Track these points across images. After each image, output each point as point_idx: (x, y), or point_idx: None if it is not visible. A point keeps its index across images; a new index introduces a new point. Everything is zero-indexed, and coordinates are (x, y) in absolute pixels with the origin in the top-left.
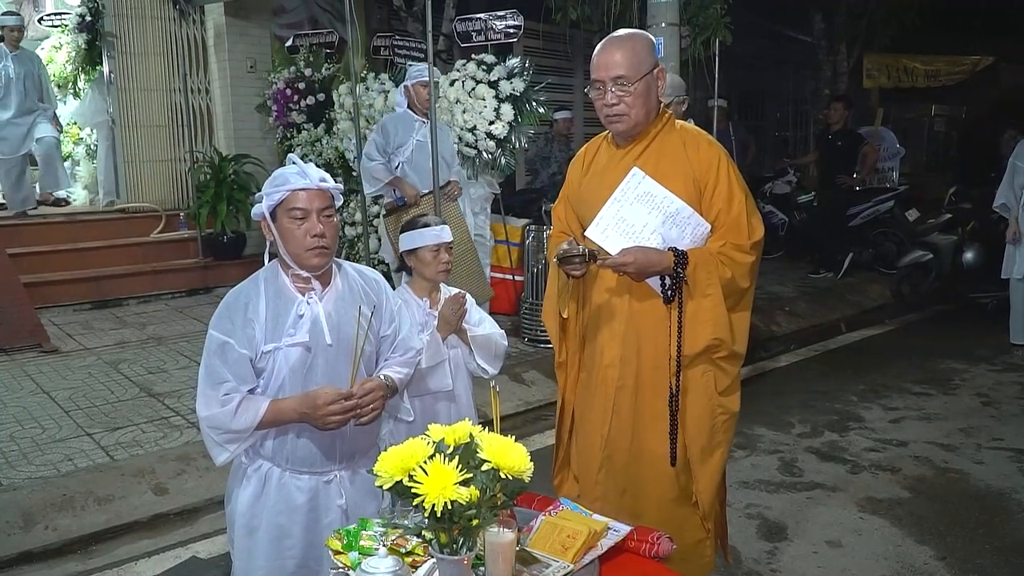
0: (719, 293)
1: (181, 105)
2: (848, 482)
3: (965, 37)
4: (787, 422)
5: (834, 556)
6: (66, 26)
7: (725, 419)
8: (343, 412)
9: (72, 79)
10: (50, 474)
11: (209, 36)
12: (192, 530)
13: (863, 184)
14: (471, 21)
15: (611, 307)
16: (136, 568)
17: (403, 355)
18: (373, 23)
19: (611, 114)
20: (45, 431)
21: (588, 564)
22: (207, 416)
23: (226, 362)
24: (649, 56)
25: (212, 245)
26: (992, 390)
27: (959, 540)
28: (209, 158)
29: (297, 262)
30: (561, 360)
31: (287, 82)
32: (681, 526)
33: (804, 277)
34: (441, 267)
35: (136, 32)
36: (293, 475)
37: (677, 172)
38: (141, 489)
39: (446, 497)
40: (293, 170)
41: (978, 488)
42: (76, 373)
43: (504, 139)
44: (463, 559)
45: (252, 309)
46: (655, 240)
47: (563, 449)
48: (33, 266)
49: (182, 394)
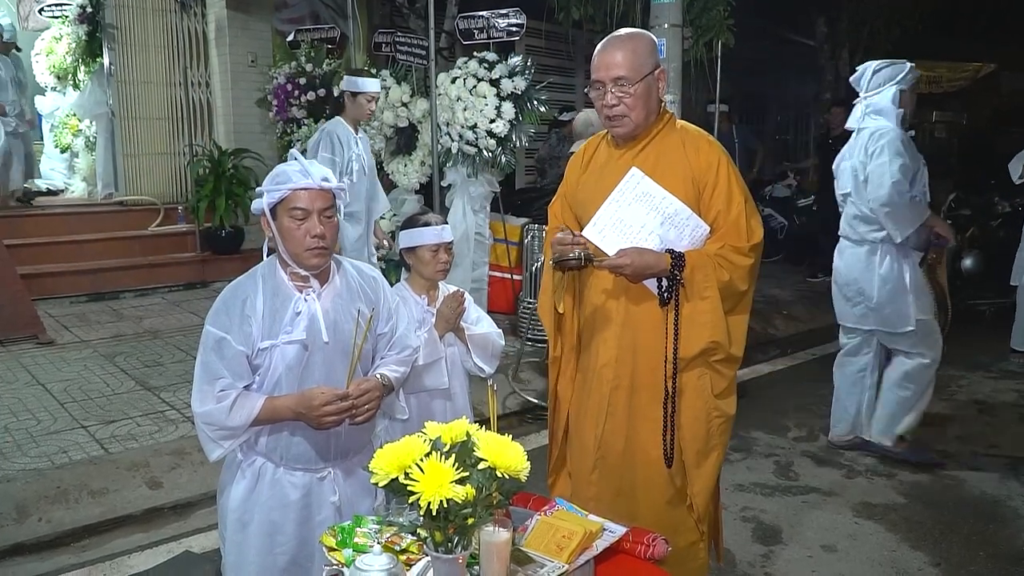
0: (717, 296)
1: (181, 98)
2: (843, 487)
3: (967, 44)
4: (783, 426)
5: (829, 560)
6: (66, 17)
7: (721, 422)
8: (339, 412)
9: (72, 71)
10: (44, 466)
11: (210, 29)
12: (185, 524)
13: None
14: (473, 19)
15: (607, 308)
16: (129, 561)
17: (400, 353)
18: (375, 19)
19: (611, 115)
20: (40, 423)
21: (583, 565)
22: (202, 412)
23: (222, 358)
24: (650, 57)
25: (210, 239)
26: (989, 397)
27: (954, 546)
28: (208, 152)
29: (296, 261)
30: (555, 355)
31: (288, 77)
32: (676, 528)
33: (802, 281)
34: (440, 266)
35: (137, 24)
36: (287, 471)
37: (676, 172)
38: (135, 483)
39: (442, 495)
40: (295, 168)
41: (973, 495)
42: (72, 365)
43: (505, 137)
44: (458, 558)
45: (249, 305)
46: (653, 241)
47: (557, 447)
48: (30, 258)
49: (178, 388)
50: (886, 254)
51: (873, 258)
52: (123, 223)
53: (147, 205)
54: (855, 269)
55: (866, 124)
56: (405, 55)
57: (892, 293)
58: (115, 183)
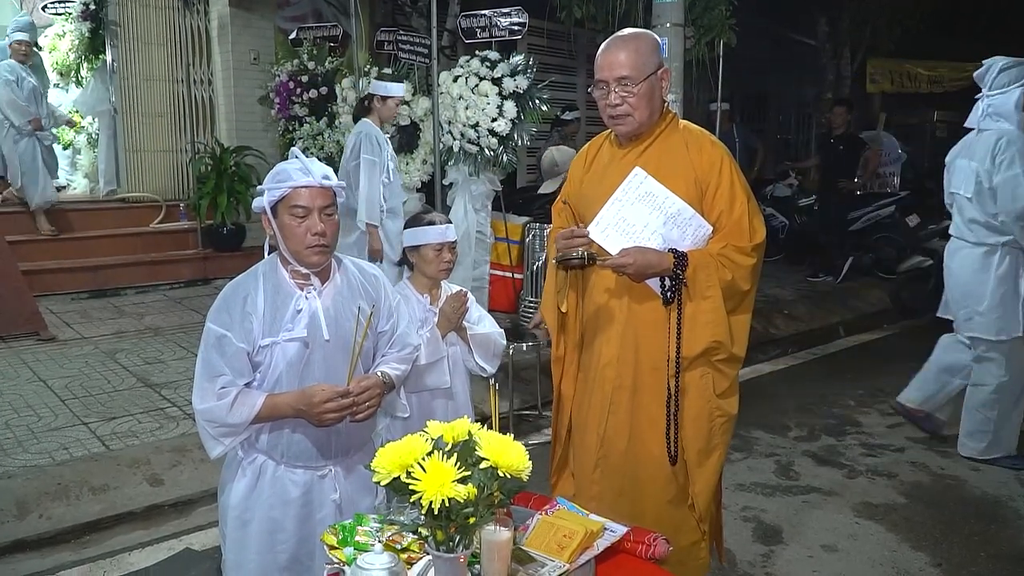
0: (719, 295)
1: (183, 95)
2: (844, 486)
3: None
4: (784, 425)
5: (829, 560)
6: (70, 14)
7: (723, 421)
8: (339, 410)
9: (75, 67)
10: (45, 463)
11: (213, 27)
12: (186, 522)
13: (864, 188)
14: (475, 17)
15: (610, 307)
16: (130, 558)
17: (401, 351)
18: (377, 17)
19: (614, 115)
20: (41, 419)
21: (584, 564)
22: (203, 409)
23: (223, 355)
24: (653, 56)
25: (212, 236)
26: None
27: (954, 547)
28: (211, 149)
29: (296, 259)
30: (558, 355)
31: (290, 75)
32: (677, 528)
33: (803, 280)
34: (443, 266)
35: (140, 21)
36: (288, 469)
37: (679, 172)
38: (136, 480)
39: (443, 494)
40: (296, 166)
41: (974, 495)
42: (73, 362)
43: (506, 136)
44: (459, 557)
45: (250, 303)
46: (656, 241)
47: (560, 447)
48: (32, 254)
49: (179, 385)
50: (1005, 256)
51: (991, 259)
52: (125, 220)
53: (149, 202)
54: (968, 270)
55: (987, 125)
56: (407, 53)
57: (1004, 297)
58: (117, 180)
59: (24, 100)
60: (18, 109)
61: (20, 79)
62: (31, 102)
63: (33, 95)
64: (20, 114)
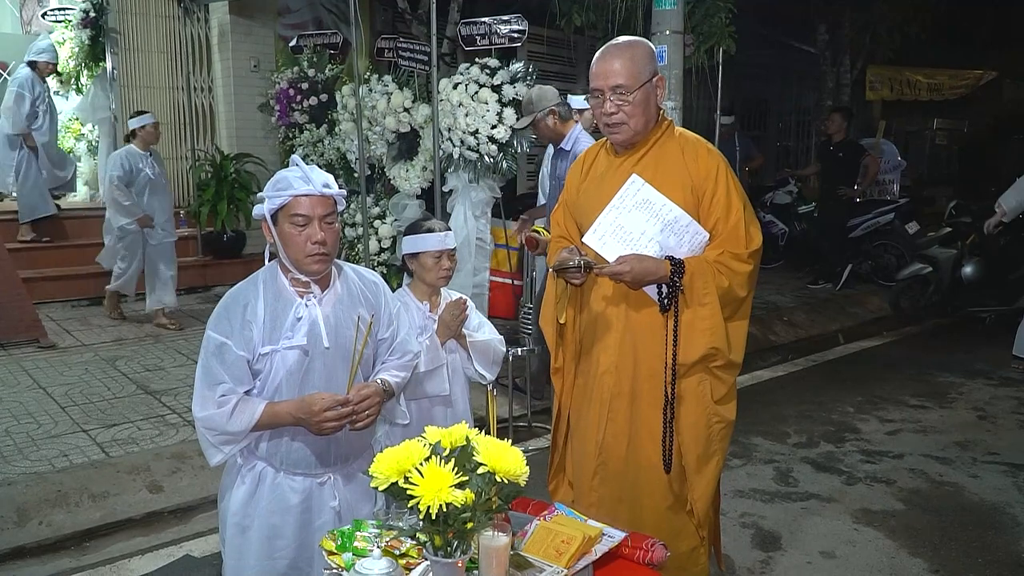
0: (716, 302)
1: (184, 103)
2: (843, 493)
3: (969, 51)
4: (783, 432)
5: (828, 567)
6: (70, 22)
7: (721, 428)
8: (339, 418)
9: (75, 75)
10: (45, 470)
11: (213, 35)
12: (186, 528)
13: (864, 196)
14: (475, 25)
15: (607, 315)
16: (129, 565)
17: (400, 358)
18: (377, 25)
19: (610, 123)
20: (41, 427)
21: (582, 570)
22: (203, 417)
23: (223, 363)
24: (648, 64)
25: (212, 244)
26: (988, 404)
27: (953, 553)
28: (211, 156)
29: (296, 267)
30: (558, 366)
31: (290, 82)
32: (676, 534)
33: (803, 287)
34: (442, 273)
35: (140, 29)
36: (287, 476)
37: (675, 180)
38: (136, 486)
39: (441, 500)
40: (296, 174)
41: (972, 502)
42: (73, 369)
43: (506, 143)
44: (457, 562)
45: (251, 310)
46: (653, 248)
47: (559, 454)
48: (32, 261)
49: (179, 392)
50: None
51: None
52: None
53: None
54: None
55: None
56: (407, 61)
57: None
58: None
59: (26, 118)
60: (18, 122)
61: (40, 95)
62: (33, 119)
63: (49, 113)
64: (16, 127)
